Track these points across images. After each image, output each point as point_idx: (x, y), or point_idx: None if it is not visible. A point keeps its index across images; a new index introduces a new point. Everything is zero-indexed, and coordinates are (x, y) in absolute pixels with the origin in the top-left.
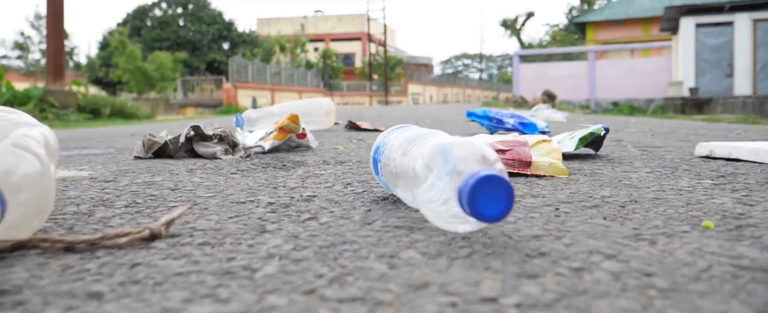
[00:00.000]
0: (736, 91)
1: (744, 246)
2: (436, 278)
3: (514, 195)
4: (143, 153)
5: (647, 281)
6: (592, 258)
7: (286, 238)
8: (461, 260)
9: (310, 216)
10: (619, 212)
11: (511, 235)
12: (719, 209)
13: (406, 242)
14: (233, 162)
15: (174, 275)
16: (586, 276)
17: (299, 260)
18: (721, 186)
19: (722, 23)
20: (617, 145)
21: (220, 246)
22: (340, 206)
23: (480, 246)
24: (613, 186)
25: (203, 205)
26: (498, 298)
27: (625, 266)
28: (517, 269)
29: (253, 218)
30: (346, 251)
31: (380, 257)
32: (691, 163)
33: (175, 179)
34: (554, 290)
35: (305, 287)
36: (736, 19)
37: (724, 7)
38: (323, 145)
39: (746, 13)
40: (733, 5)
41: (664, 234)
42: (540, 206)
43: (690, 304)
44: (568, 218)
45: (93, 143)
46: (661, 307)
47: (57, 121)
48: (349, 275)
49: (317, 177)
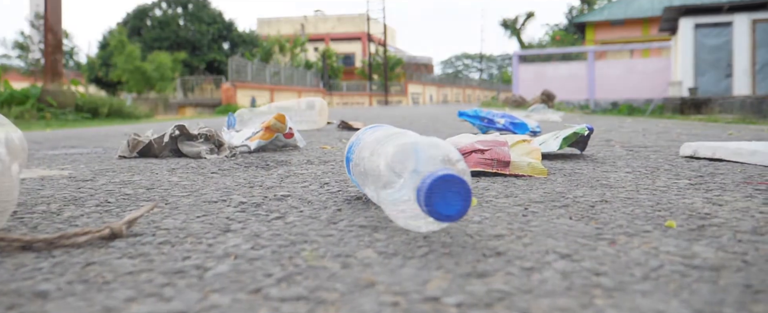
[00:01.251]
0: (735, 91)
1: (700, 246)
2: (385, 278)
3: (471, 195)
4: (128, 153)
5: (595, 281)
6: (547, 258)
7: (247, 237)
8: (416, 259)
9: (278, 215)
10: (587, 212)
11: (473, 234)
12: (687, 209)
13: (366, 241)
14: (217, 161)
15: (125, 274)
16: (535, 276)
17: (254, 259)
18: (696, 186)
19: (721, 24)
20: (605, 145)
21: (180, 245)
22: (311, 205)
23: (439, 246)
24: (589, 186)
25: (174, 204)
26: (441, 297)
27: (577, 265)
28: (468, 269)
29: (221, 217)
30: (304, 250)
31: (336, 256)
32: (673, 163)
33: (153, 178)
34: (499, 289)
35: (252, 286)
36: (734, 19)
37: (722, 7)
38: (312, 144)
39: (745, 13)
40: (731, 5)
41: (626, 234)
42: (510, 205)
43: (631, 303)
44: (535, 218)
45: (84, 142)
46: (601, 306)
47: (54, 121)
48: (299, 275)
49: (296, 176)
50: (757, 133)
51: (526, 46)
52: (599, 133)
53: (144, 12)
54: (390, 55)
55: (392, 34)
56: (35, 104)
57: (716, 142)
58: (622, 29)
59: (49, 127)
